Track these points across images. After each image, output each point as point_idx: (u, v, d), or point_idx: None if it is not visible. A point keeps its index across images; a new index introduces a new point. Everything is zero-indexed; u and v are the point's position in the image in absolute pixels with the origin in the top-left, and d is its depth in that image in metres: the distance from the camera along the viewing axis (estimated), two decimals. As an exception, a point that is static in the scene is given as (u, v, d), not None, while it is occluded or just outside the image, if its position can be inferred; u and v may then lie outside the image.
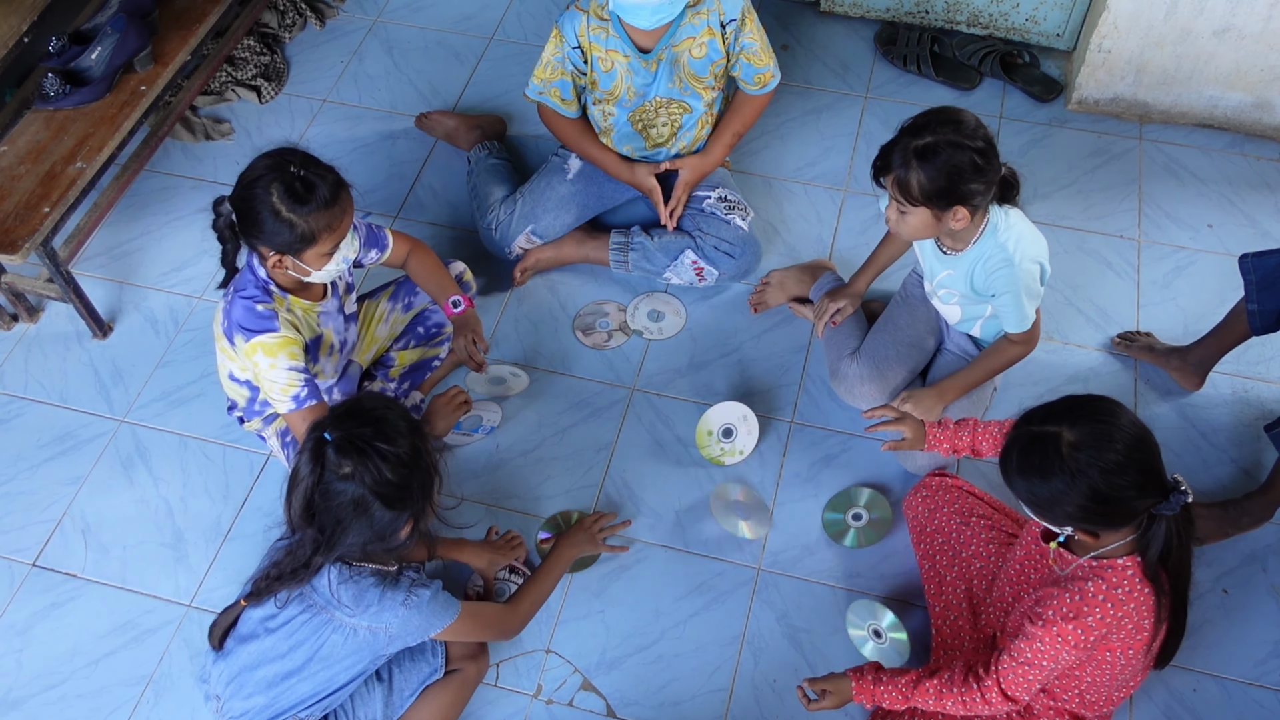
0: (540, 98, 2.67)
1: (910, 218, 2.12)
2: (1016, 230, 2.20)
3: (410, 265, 2.48)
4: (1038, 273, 2.24)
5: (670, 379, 2.70)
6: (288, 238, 2.03)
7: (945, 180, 2.03)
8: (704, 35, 2.53)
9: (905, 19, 3.38)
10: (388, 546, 1.84)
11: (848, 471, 2.53)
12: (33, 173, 2.61)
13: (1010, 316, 2.27)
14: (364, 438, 1.74)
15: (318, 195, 2.03)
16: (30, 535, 2.51)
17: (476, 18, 3.55)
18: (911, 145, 2.04)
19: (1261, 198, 2.97)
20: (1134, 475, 1.64)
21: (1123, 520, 1.70)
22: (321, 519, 1.78)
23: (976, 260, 2.23)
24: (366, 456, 1.74)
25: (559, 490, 2.52)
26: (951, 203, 2.07)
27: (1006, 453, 1.73)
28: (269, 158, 2.05)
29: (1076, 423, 1.65)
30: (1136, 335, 2.67)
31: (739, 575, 2.39)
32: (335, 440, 1.74)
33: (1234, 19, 2.85)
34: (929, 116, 2.06)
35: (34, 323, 2.87)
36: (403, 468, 1.76)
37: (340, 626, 1.87)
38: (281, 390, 2.16)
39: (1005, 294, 2.22)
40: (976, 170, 2.04)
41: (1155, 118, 3.15)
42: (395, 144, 3.22)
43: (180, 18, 2.92)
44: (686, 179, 2.69)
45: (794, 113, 3.22)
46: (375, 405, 1.83)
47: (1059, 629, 1.73)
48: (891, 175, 2.07)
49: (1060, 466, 1.64)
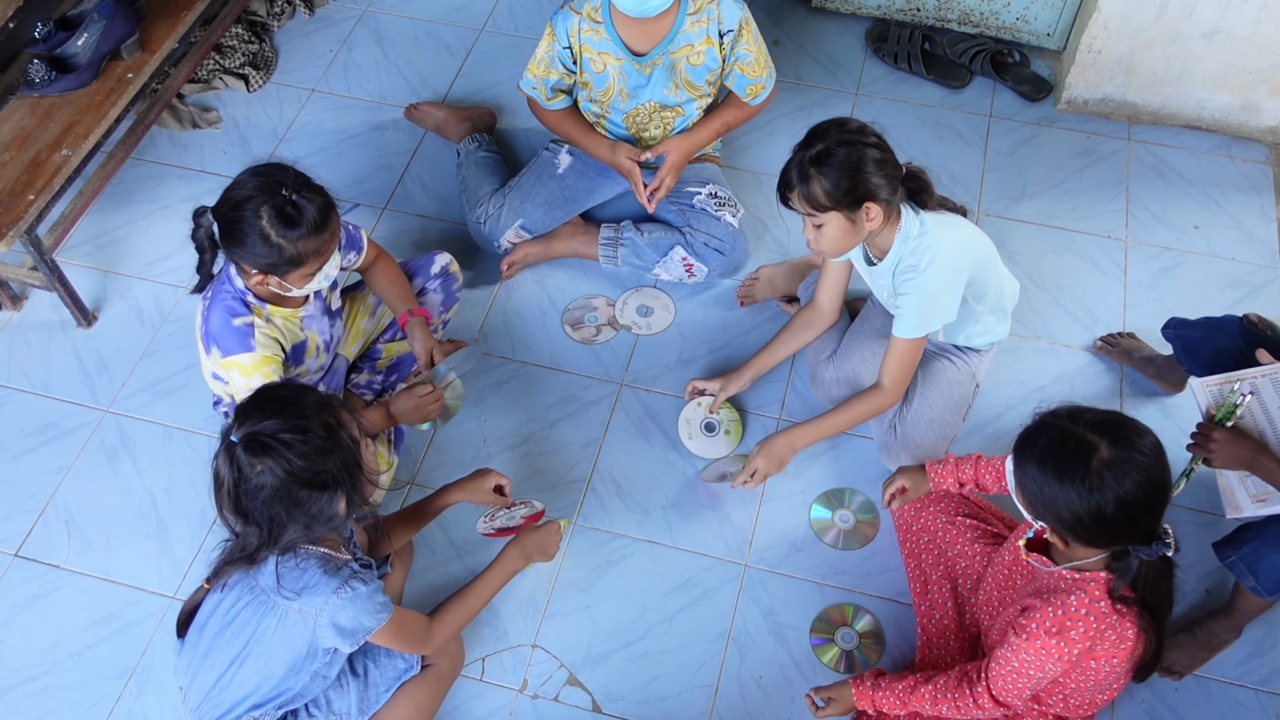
0: (533, 92, 2.67)
1: (826, 229, 2.12)
2: (932, 235, 2.18)
3: (373, 273, 2.45)
4: (955, 283, 2.21)
5: (659, 374, 2.70)
6: (274, 260, 2.02)
7: (848, 178, 2.05)
8: (702, 44, 2.52)
9: (896, 16, 3.38)
10: (331, 527, 1.81)
11: (835, 469, 2.54)
12: (17, 160, 2.58)
13: (903, 321, 2.24)
14: (269, 432, 1.70)
15: (308, 220, 2.02)
16: (12, 526, 2.49)
17: (467, 9, 3.53)
18: (806, 156, 2.07)
19: (1247, 199, 2.98)
20: (1138, 513, 1.65)
21: (1100, 544, 1.72)
22: (255, 516, 1.75)
23: (893, 266, 2.23)
24: (275, 451, 1.69)
25: (546, 485, 2.52)
26: (859, 200, 2.08)
27: (1032, 436, 1.72)
28: (259, 176, 2.03)
29: (1117, 442, 1.64)
30: (1119, 338, 2.68)
31: (725, 571, 2.40)
32: (242, 441, 1.70)
33: (1223, 21, 2.87)
34: (815, 130, 2.10)
35: (17, 311, 2.85)
36: (317, 451, 1.72)
37: (275, 608, 1.82)
38: None
39: (906, 296, 2.21)
40: (875, 163, 2.06)
41: (1144, 119, 3.17)
42: (384, 135, 3.20)
43: (168, 5, 2.90)
44: (674, 160, 2.66)
45: (785, 109, 3.21)
46: (278, 393, 1.80)
47: (1043, 643, 1.75)
48: (795, 191, 2.09)
49: (1082, 475, 1.64)
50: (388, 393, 2.61)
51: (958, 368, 2.46)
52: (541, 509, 2.36)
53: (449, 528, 2.46)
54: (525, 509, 2.35)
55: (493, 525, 2.34)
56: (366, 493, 1.82)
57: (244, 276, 2.12)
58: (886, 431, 2.44)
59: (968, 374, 2.47)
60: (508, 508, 2.35)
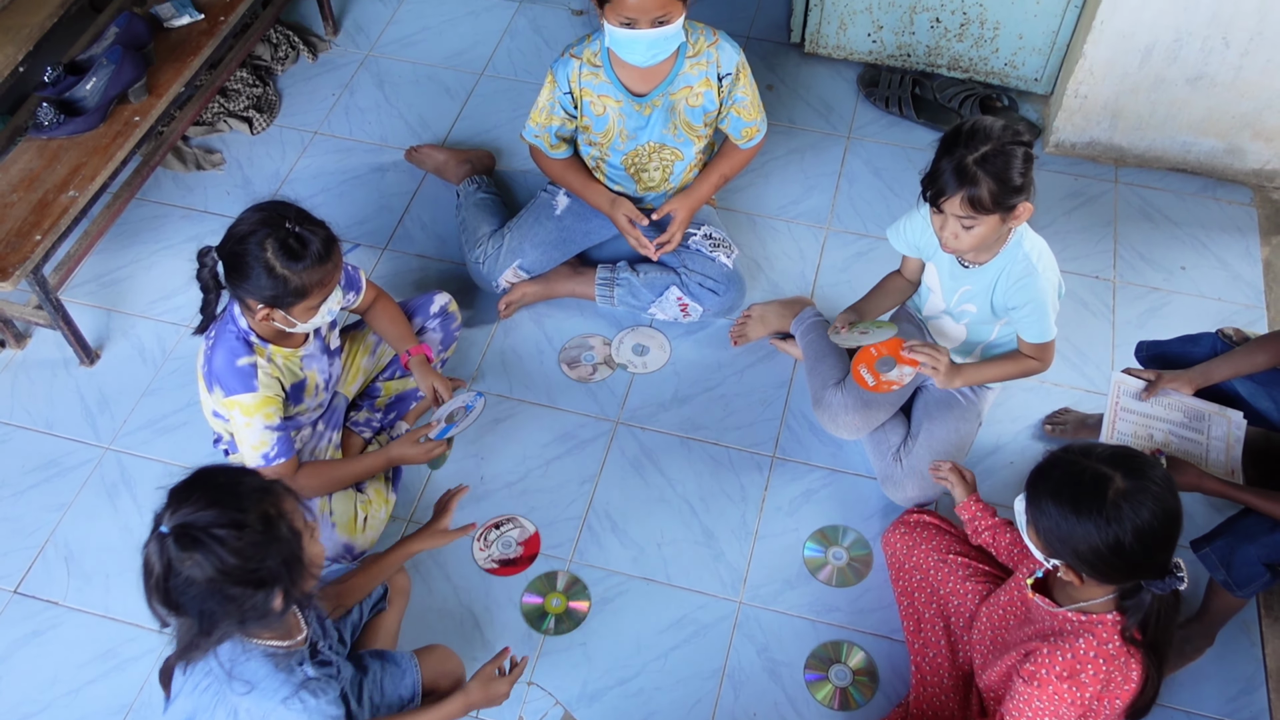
0: (535, 140, 2.72)
1: (977, 229, 2.11)
2: (1038, 243, 2.25)
3: (373, 313, 2.50)
4: (1058, 286, 2.29)
5: (654, 412, 2.73)
6: (279, 292, 2.06)
7: (1018, 179, 2.05)
8: (701, 85, 2.58)
9: (887, 61, 3.45)
10: (266, 624, 1.68)
11: (829, 506, 2.57)
12: (25, 200, 2.63)
13: (1033, 327, 2.28)
14: (202, 524, 1.57)
15: (311, 251, 2.06)
16: (12, 562, 2.51)
17: (467, 53, 3.60)
18: (969, 158, 2.03)
19: (1232, 240, 3.04)
20: (1154, 544, 1.67)
21: (1116, 579, 1.73)
22: (187, 609, 1.61)
23: (1000, 271, 2.26)
24: (207, 546, 1.56)
25: (543, 522, 2.54)
26: (1018, 200, 2.09)
27: (1046, 473, 1.74)
28: (261, 211, 2.07)
29: (1131, 474, 1.67)
30: (1062, 415, 2.68)
31: (720, 609, 2.41)
32: (173, 532, 1.57)
33: (1206, 68, 2.93)
34: (970, 130, 2.07)
35: (21, 349, 2.88)
36: (253, 547, 1.59)
37: (226, 700, 1.71)
38: (253, 448, 2.21)
39: (1029, 304, 2.24)
40: (1029, 161, 2.08)
41: (1130, 161, 3.23)
42: (385, 176, 3.26)
43: (175, 50, 2.96)
44: (681, 219, 2.73)
45: (778, 151, 3.27)
46: (217, 480, 1.65)
47: (1055, 688, 1.76)
48: (960, 194, 2.06)
49: (1099, 507, 1.65)
50: (386, 430, 2.64)
51: (965, 404, 2.49)
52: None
53: (445, 564, 2.48)
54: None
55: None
56: (306, 586, 1.69)
57: (247, 315, 2.16)
58: (891, 463, 2.47)
59: (974, 411, 2.51)
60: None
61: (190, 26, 3.02)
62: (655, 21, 2.36)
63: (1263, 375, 2.27)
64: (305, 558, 1.66)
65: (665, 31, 2.39)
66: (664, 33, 2.39)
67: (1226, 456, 2.20)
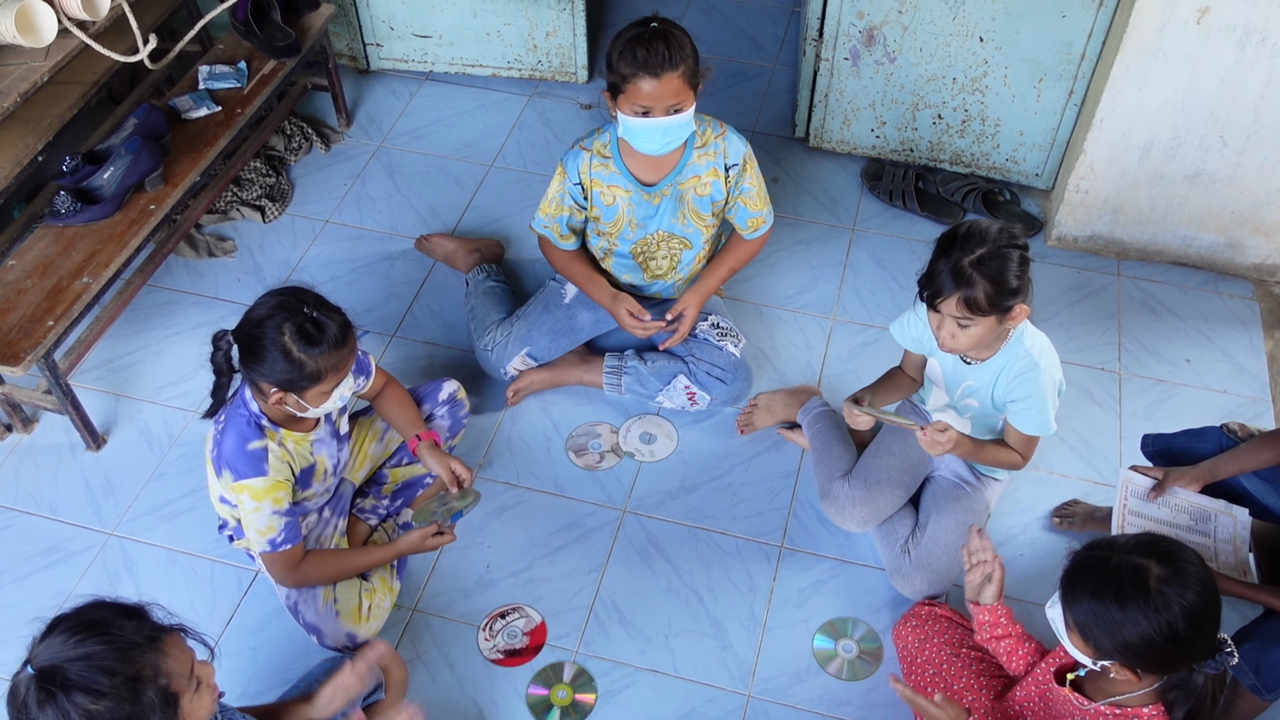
0: (545, 231, 2.75)
1: (973, 329, 2.12)
2: (1040, 339, 2.27)
3: (382, 399, 2.50)
4: (1059, 383, 2.29)
5: (661, 501, 2.72)
6: (295, 376, 2.07)
7: (1014, 281, 2.07)
8: (709, 175, 2.63)
9: (891, 156, 3.52)
10: None
11: (837, 598, 2.54)
12: (39, 287, 2.65)
13: (1033, 419, 2.28)
14: (62, 679, 1.49)
15: (328, 336, 2.08)
16: (11, 651, 2.47)
17: (477, 145, 3.67)
18: (965, 261, 2.05)
19: (1236, 333, 3.06)
20: (1206, 623, 1.66)
21: (1174, 667, 1.71)
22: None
23: (1001, 368, 2.27)
24: (60, 705, 1.49)
25: (549, 611, 2.51)
26: (1014, 302, 2.11)
27: (1078, 575, 1.72)
28: (279, 295, 2.10)
29: (1163, 560, 1.66)
30: (1071, 507, 2.66)
31: (728, 702, 2.37)
32: (37, 673, 1.51)
33: (1204, 165, 2.99)
34: (964, 233, 2.09)
35: (28, 433, 2.88)
36: (110, 714, 1.50)
37: None
38: (259, 533, 2.20)
39: (1029, 398, 2.25)
40: (1025, 264, 2.09)
41: (1132, 255, 3.27)
42: (394, 264, 3.30)
43: (192, 140, 3.01)
44: (691, 316, 2.76)
45: (784, 243, 3.32)
46: (99, 624, 1.55)
47: None
48: (956, 296, 2.07)
49: (1145, 599, 1.64)
50: (392, 518, 2.63)
51: (973, 496, 2.49)
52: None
53: (449, 653, 2.44)
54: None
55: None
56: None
57: (259, 399, 2.16)
58: (899, 555, 2.46)
59: (982, 503, 2.50)
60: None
61: (208, 118, 3.09)
62: (669, 109, 2.42)
63: (1269, 472, 2.26)
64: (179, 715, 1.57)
65: (679, 119, 2.45)
66: (677, 120, 2.45)
67: (1235, 557, 2.19)
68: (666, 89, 2.38)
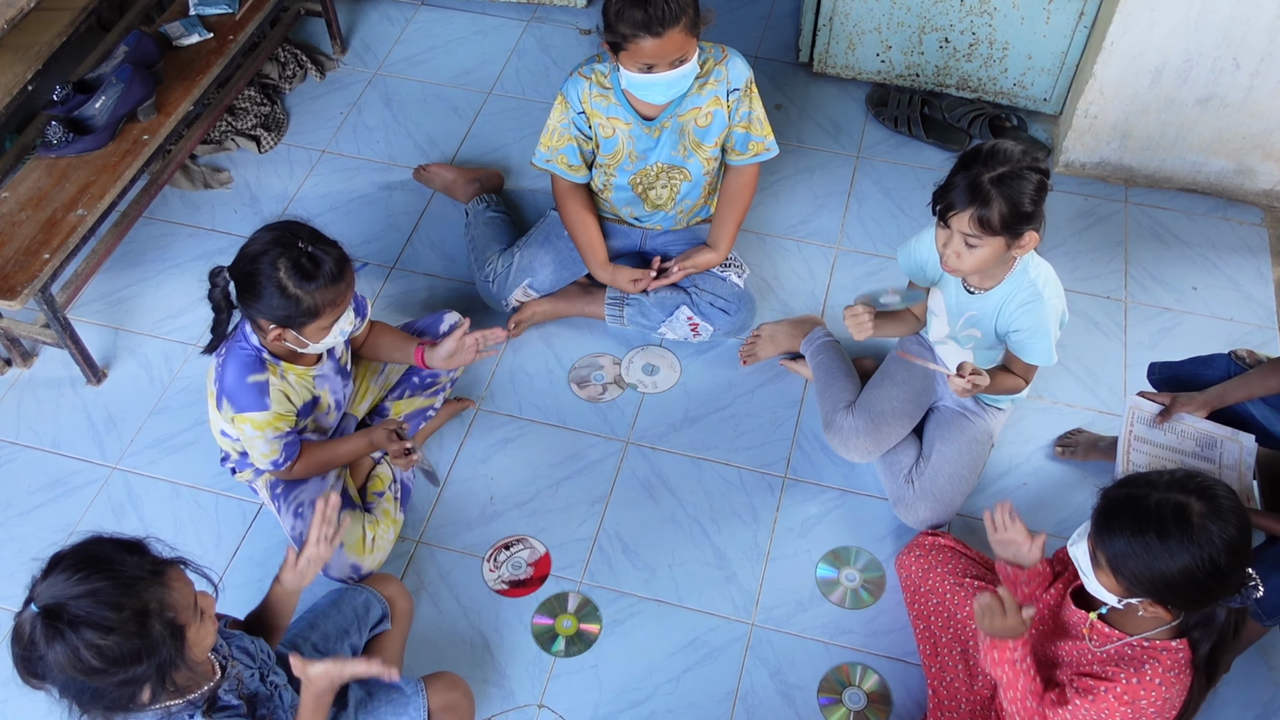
0: (548, 165, 2.70)
1: (980, 250, 2.09)
2: (1046, 269, 2.24)
3: (371, 340, 2.48)
4: (1061, 314, 2.28)
5: (665, 433, 2.72)
6: (292, 312, 2.05)
7: (1029, 205, 2.03)
8: (710, 105, 2.58)
9: (896, 81, 3.45)
10: (128, 712, 1.59)
11: (840, 527, 2.55)
12: (33, 219, 2.62)
13: (1036, 350, 2.27)
14: (69, 615, 1.49)
15: (324, 271, 2.05)
16: (18, 583, 2.47)
17: (475, 72, 3.60)
18: (985, 176, 2.01)
19: (1244, 261, 3.03)
20: (1244, 557, 1.66)
21: (1205, 602, 1.71)
22: (51, 685, 1.55)
23: (1005, 297, 2.25)
24: (68, 641, 1.49)
25: (554, 542, 2.52)
26: (1026, 227, 2.07)
27: (1114, 513, 1.71)
28: (274, 231, 2.07)
29: (1202, 495, 1.66)
30: (1074, 436, 2.66)
31: (732, 631, 2.39)
32: (42, 612, 1.50)
33: (1216, 88, 2.93)
34: (990, 150, 2.05)
35: (28, 368, 2.87)
36: (119, 648, 1.51)
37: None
38: (263, 455, 2.23)
39: (1032, 328, 2.23)
40: (1042, 190, 2.05)
41: (1140, 181, 3.22)
42: (393, 195, 3.25)
43: (184, 68, 2.96)
44: (689, 267, 2.77)
45: (787, 171, 3.27)
46: (102, 560, 1.56)
47: (1109, 706, 1.75)
48: (969, 211, 2.03)
49: (1189, 534, 1.63)
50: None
51: (977, 425, 2.48)
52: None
53: (454, 585, 2.46)
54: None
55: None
56: (179, 680, 1.60)
57: (260, 333, 2.15)
58: (903, 485, 2.46)
59: (986, 432, 2.49)
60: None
61: (199, 45, 3.03)
62: (673, 63, 2.37)
63: (1276, 398, 2.26)
64: (185, 655, 1.58)
65: (683, 70, 2.40)
66: (682, 71, 2.40)
67: (1240, 484, 2.19)
68: (670, 45, 2.33)
